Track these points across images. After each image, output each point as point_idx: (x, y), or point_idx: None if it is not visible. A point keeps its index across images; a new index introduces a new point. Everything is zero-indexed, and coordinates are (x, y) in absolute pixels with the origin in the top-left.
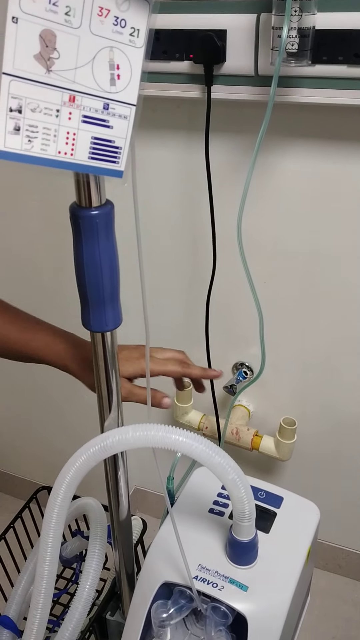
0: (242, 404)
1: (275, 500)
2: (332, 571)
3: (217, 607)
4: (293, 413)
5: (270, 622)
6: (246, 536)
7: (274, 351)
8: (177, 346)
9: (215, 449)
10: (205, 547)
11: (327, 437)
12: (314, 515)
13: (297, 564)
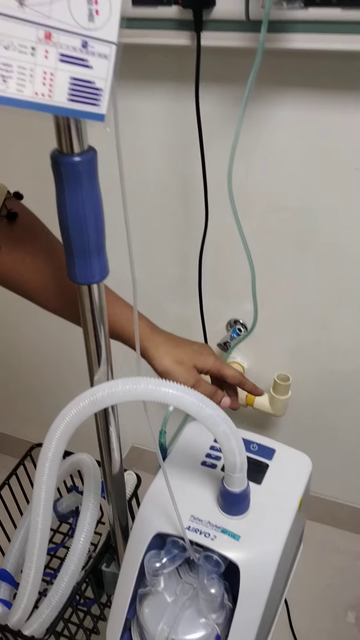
0: (237, 361)
1: (268, 452)
2: (326, 523)
3: (209, 556)
4: (287, 369)
5: (262, 570)
6: (238, 487)
7: (268, 307)
8: (171, 302)
9: (205, 401)
10: (197, 498)
11: (321, 392)
12: (305, 467)
13: (288, 514)
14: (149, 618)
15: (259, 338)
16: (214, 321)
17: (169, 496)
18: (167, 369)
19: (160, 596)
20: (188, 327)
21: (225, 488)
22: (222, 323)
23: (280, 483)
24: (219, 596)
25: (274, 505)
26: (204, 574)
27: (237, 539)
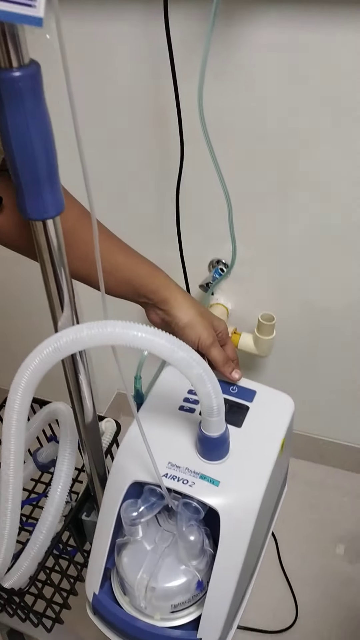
0: (220, 303)
1: (248, 394)
2: (314, 461)
3: (188, 503)
4: (272, 309)
5: (243, 516)
6: (215, 431)
7: (250, 245)
8: (150, 244)
9: (178, 344)
10: (175, 444)
11: (307, 331)
12: (287, 408)
13: (270, 456)
14: (128, 567)
15: (242, 278)
16: (196, 262)
17: None
18: (192, 320)
19: (139, 545)
20: (169, 269)
21: (203, 433)
22: (204, 264)
23: (261, 425)
24: (198, 543)
25: (255, 448)
26: (182, 521)
27: (217, 485)
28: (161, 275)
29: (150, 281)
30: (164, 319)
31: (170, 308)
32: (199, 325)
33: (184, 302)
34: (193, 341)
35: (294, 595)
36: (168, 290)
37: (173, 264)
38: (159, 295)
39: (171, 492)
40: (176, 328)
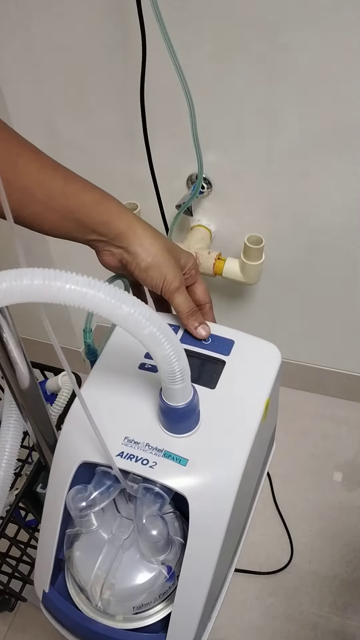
0: (202, 224)
1: (224, 345)
2: (312, 391)
3: (149, 488)
4: (260, 230)
5: (217, 499)
6: (180, 401)
7: (234, 156)
8: (118, 161)
9: (121, 296)
10: (134, 414)
11: (299, 253)
12: (273, 360)
13: (250, 424)
14: (81, 562)
15: (225, 195)
16: (171, 178)
17: (99, 411)
18: (156, 259)
19: (94, 535)
20: (141, 188)
21: (165, 403)
22: (180, 180)
23: (240, 385)
24: (162, 537)
25: (232, 414)
26: (142, 511)
27: (184, 464)
28: (113, 202)
29: (98, 210)
30: (121, 259)
31: (129, 244)
32: (165, 264)
33: (145, 235)
34: (157, 284)
35: (288, 534)
36: (123, 221)
37: (145, 180)
38: (112, 227)
39: (129, 474)
40: (137, 270)
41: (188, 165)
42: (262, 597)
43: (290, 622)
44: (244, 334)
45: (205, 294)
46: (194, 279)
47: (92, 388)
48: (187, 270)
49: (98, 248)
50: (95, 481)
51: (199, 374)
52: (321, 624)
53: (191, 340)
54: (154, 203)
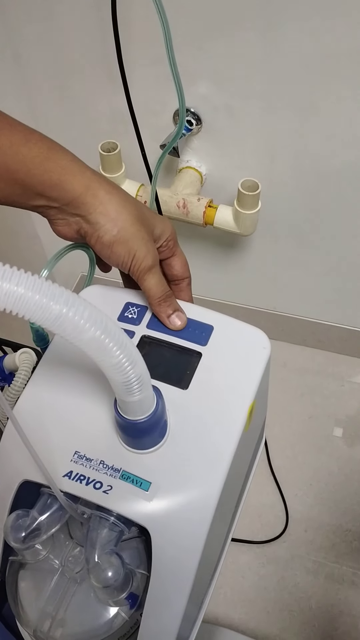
0: (192, 166)
1: (200, 332)
2: (312, 346)
3: (103, 517)
4: (256, 174)
5: (188, 531)
6: (139, 414)
7: (227, 87)
8: (92, 91)
9: (49, 291)
10: (88, 420)
11: (300, 201)
12: (260, 351)
13: (230, 434)
14: (26, 595)
15: (218, 132)
16: (155, 113)
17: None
18: (123, 231)
19: (42, 563)
20: (122, 124)
21: (121, 417)
22: (166, 115)
23: (218, 384)
24: (118, 578)
25: (208, 423)
26: (94, 545)
27: (146, 488)
28: (65, 156)
29: (45, 168)
30: (79, 230)
31: (88, 212)
32: (135, 237)
33: (109, 200)
34: (124, 263)
35: (284, 501)
36: (79, 182)
37: (125, 118)
38: (64, 190)
39: (78, 500)
40: (98, 244)
41: (175, 98)
42: (254, 568)
43: (284, 594)
44: (225, 317)
45: (184, 269)
46: (172, 252)
47: (40, 385)
48: (163, 242)
49: (49, 216)
50: (41, 504)
51: (167, 369)
52: (317, 596)
53: (160, 325)
54: (133, 143)
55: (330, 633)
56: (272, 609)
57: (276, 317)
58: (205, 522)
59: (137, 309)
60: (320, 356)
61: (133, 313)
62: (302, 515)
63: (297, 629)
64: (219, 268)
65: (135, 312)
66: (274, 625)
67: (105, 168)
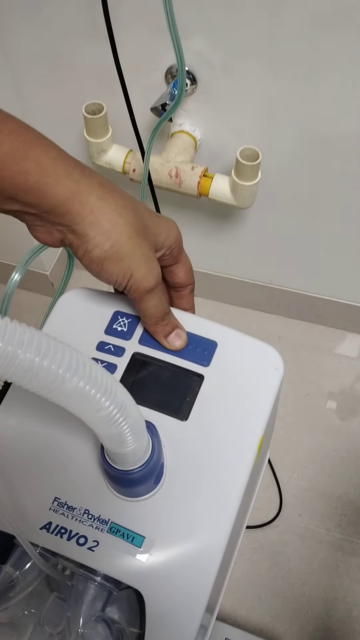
0: (185, 130)
1: (202, 350)
2: (309, 321)
3: (88, 578)
4: (257, 141)
5: (188, 593)
6: (132, 464)
7: (226, 42)
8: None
9: (13, 337)
10: (70, 459)
11: (303, 171)
12: (271, 373)
13: (237, 474)
14: None
15: (215, 93)
16: (145, 71)
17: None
18: (118, 246)
19: (18, 620)
20: (108, 83)
21: (110, 466)
22: (158, 74)
23: (223, 414)
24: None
25: (211, 461)
26: (78, 611)
27: (139, 544)
28: (47, 152)
29: (21, 167)
30: (64, 239)
31: (74, 222)
32: (132, 254)
33: (101, 208)
34: (118, 282)
35: (278, 484)
36: (65, 187)
37: (113, 76)
38: (45, 197)
39: (58, 558)
40: (86, 259)
41: (168, 54)
42: (246, 553)
43: (276, 581)
44: (232, 331)
45: (188, 275)
46: (176, 259)
47: (10, 413)
48: (166, 251)
49: (26, 222)
50: (16, 557)
51: (164, 395)
52: (310, 583)
53: (154, 342)
54: (120, 103)
55: (324, 620)
56: (264, 595)
57: (272, 290)
58: (208, 580)
59: (128, 320)
60: (317, 331)
61: (123, 325)
62: (297, 499)
63: (290, 616)
64: (212, 239)
65: (126, 323)
66: (266, 613)
67: (90, 132)
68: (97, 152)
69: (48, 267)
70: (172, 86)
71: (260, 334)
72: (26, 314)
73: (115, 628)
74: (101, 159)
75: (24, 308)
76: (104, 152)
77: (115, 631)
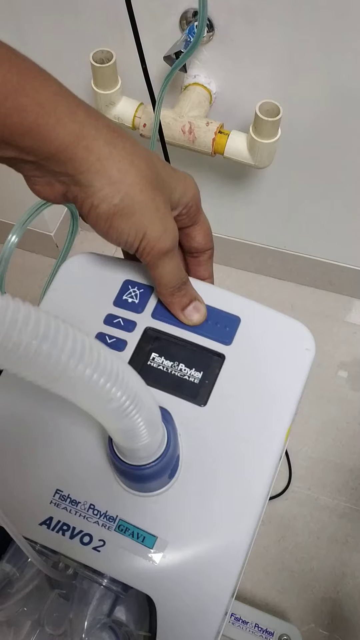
0: (199, 82)
1: (224, 326)
2: (323, 288)
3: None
4: (277, 95)
5: (206, 600)
6: (144, 459)
7: None
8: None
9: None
10: (73, 448)
11: (326, 129)
12: (301, 354)
13: (262, 467)
14: None
15: (233, 41)
16: (158, 17)
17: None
18: (132, 199)
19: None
20: (119, 29)
21: (119, 460)
22: (172, 19)
23: (246, 399)
24: None
25: (232, 451)
26: (83, 615)
27: (150, 544)
28: (47, 89)
29: (17, 105)
30: (66, 193)
31: (79, 170)
32: (146, 209)
33: (110, 155)
34: (129, 243)
35: (287, 456)
36: (68, 129)
37: (123, 21)
38: (43, 140)
39: (59, 556)
40: (92, 215)
41: None
42: None
43: (284, 554)
44: (256, 305)
45: (207, 239)
46: (193, 220)
47: (8, 390)
48: (182, 209)
49: (23, 172)
50: (13, 552)
51: (180, 377)
52: (319, 557)
53: (169, 316)
54: (131, 52)
55: (331, 595)
56: (271, 569)
57: (286, 255)
58: (228, 585)
59: (140, 291)
60: (330, 299)
61: (134, 296)
62: (307, 472)
63: (296, 591)
64: (225, 201)
65: (137, 294)
66: (272, 586)
67: (97, 83)
68: (106, 105)
69: (52, 228)
70: (187, 32)
71: (272, 301)
72: (30, 276)
73: (122, 633)
74: (110, 113)
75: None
76: (113, 105)
77: (122, 637)
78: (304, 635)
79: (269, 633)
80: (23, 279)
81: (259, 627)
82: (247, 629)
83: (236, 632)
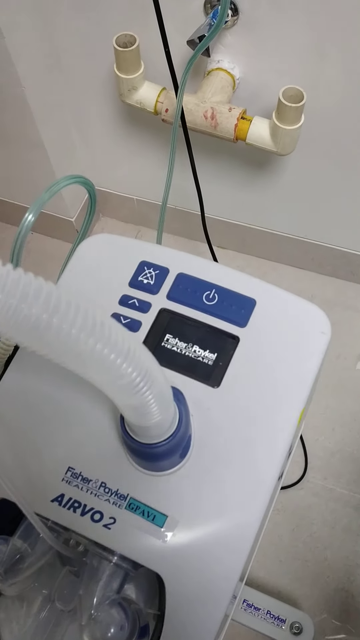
0: (223, 68)
1: (239, 307)
2: (343, 278)
3: (102, 555)
4: (302, 81)
5: (214, 578)
6: (155, 437)
7: None
8: None
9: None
10: (85, 426)
11: (348, 115)
12: (316, 337)
13: (273, 449)
14: (5, 632)
15: (258, 25)
16: (183, 0)
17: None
18: None
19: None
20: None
21: (131, 439)
22: (197, 3)
23: (260, 381)
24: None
25: (244, 433)
26: (92, 591)
27: (161, 523)
28: None
29: None
30: None
31: None
32: None
33: None
34: None
35: (304, 446)
36: None
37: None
38: None
39: (71, 534)
40: None
41: None
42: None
43: (298, 543)
44: (273, 287)
45: None
46: None
47: (22, 371)
48: None
49: None
50: (25, 529)
51: (193, 359)
52: (332, 548)
53: (185, 296)
54: (154, 36)
55: (344, 585)
56: (284, 558)
57: (306, 244)
58: (237, 565)
59: (156, 272)
60: (352, 290)
61: (150, 277)
62: (323, 462)
63: (310, 580)
64: (247, 189)
65: (153, 275)
66: (285, 575)
67: (120, 67)
68: (128, 90)
69: (73, 214)
70: (211, 16)
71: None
72: (49, 261)
73: (131, 610)
74: (132, 98)
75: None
76: (135, 90)
77: (131, 614)
78: (317, 625)
79: (280, 620)
80: (44, 263)
81: (271, 614)
82: (259, 615)
83: (248, 618)
